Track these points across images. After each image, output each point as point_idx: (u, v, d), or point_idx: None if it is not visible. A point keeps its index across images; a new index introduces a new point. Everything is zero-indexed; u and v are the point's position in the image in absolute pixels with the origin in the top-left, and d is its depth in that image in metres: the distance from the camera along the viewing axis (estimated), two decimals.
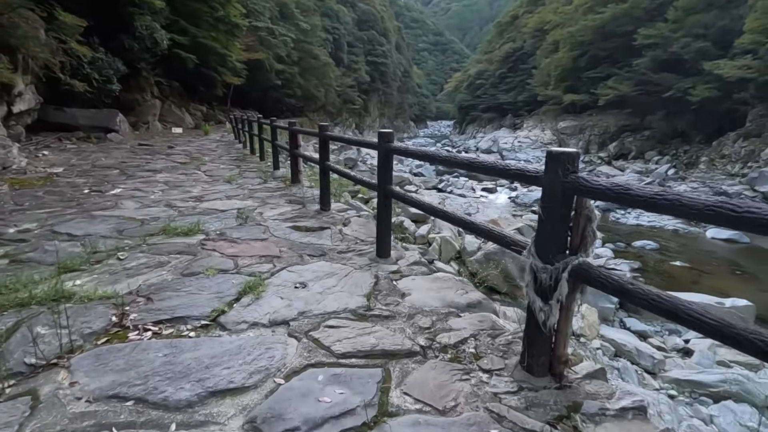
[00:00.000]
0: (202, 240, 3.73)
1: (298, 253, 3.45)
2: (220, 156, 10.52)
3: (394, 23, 78.85)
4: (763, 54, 19.75)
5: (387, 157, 3.09)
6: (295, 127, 6.00)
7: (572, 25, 40.04)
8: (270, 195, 5.91)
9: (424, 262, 3.28)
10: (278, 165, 8.00)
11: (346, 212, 5.05)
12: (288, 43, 31.62)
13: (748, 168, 20.56)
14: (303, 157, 5.94)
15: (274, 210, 4.99)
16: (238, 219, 4.51)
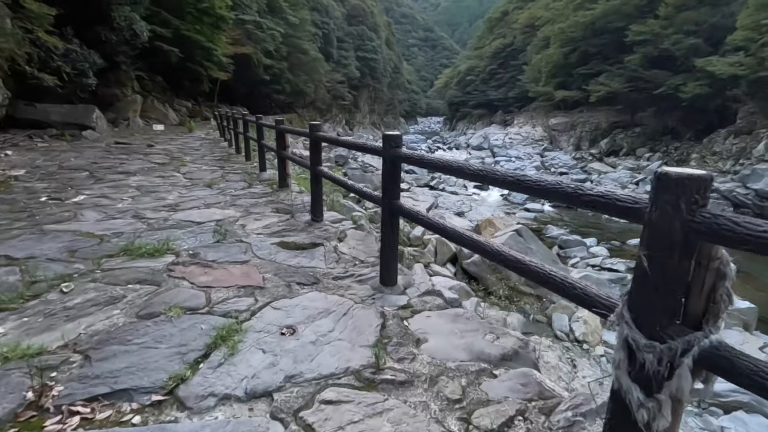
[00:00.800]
0: (171, 263, 3.13)
1: (285, 280, 2.87)
2: (202, 156, 9.77)
3: (384, 18, 78.01)
4: (755, 51, 19.60)
5: (394, 166, 2.55)
6: (282, 125, 5.35)
7: (563, 21, 39.84)
8: (255, 202, 5.29)
9: (438, 292, 2.73)
10: (265, 166, 7.36)
11: (340, 223, 4.46)
12: (276, 37, 30.72)
13: (739, 165, 20.45)
14: (292, 160, 5.35)
15: (258, 221, 4.38)
16: (215, 234, 3.89)
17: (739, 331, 8.97)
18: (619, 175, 26.03)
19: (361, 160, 25.72)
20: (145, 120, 18.78)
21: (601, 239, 15.64)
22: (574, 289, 1.38)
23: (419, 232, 10.96)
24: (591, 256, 13.81)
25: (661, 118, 29.27)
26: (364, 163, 24.52)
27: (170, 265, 3.08)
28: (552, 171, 30.32)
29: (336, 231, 4.11)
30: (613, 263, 13.09)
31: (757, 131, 20.94)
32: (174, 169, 7.69)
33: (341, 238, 3.90)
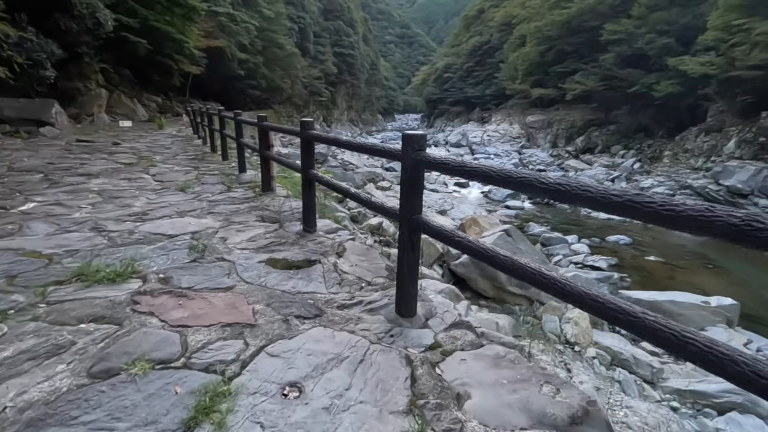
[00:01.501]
0: (136, 292, 2.54)
1: (281, 313, 2.34)
2: (174, 155, 8.93)
3: (360, 14, 77.12)
4: (725, 51, 20.11)
5: (416, 172, 2.07)
6: (266, 122, 4.71)
7: (539, 19, 40.23)
8: (236, 209, 4.67)
9: (467, 323, 2.27)
10: (245, 167, 6.67)
11: (336, 234, 3.92)
12: (251, 30, 29.66)
13: (711, 162, 20.99)
14: (279, 162, 4.76)
15: (242, 233, 3.79)
16: (191, 251, 3.27)
17: (724, 328, 8.99)
18: (596, 172, 26.44)
19: (341, 157, 25.11)
20: (111, 116, 17.62)
21: (582, 236, 15.71)
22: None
23: None
24: (573, 254, 13.77)
25: (635, 116, 29.91)
26: (344, 161, 23.93)
27: (135, 294, 2.50)
28: (530, 168, 30.56)
29: (333, 244, 3.58)
30: (595, 260, 13.10)
31: (726, 129, 21.53)
32: (142, 171, 6.93)
33: (340, 253, 3.38)
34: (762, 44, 17.21)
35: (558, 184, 1.19)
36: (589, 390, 6.06)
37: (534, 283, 1.39)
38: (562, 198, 1.22)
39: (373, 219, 11.23)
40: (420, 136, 2.08)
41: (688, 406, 6.35)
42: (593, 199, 1.12)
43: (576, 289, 1.26)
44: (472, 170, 1.60)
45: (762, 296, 11.30)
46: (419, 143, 2.06)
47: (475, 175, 1.61)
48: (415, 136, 2.08)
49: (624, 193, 1.06)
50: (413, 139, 2.07)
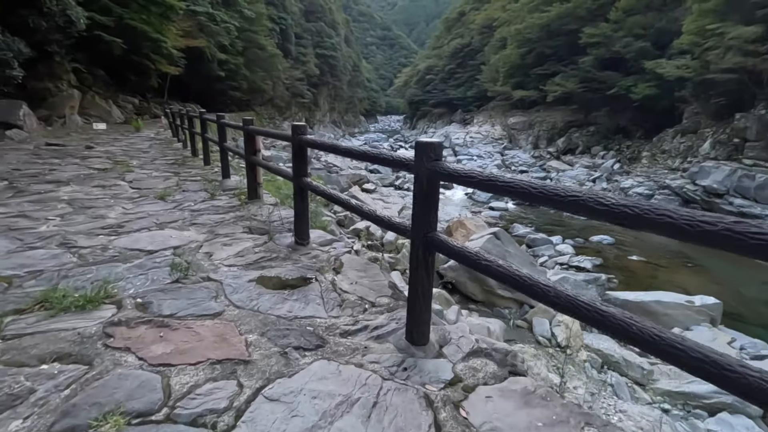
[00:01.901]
0: (110, 321, 2.21)
1: (278, 344, 2.07)
2: (152, 159, 8.47)
3: (342, 15, 76.81)
4: (700, 54, 20.66)
5: (431, 185, 1.86)
6: (252, 126, 4.40)
7: (519, 22, 40.74)
8: (221, 219, 4.32)
9: (486, 350, 2.04)
10: (228, 172, 6.29)
11: (331, 245, 3.64)
12: (231, 31, 29.02)
13: (687, 163, 21.50)
14: (267, 169, 4.45)
15: (228, 247, 3.47)
16: (173, 270, 2.93)
17: (708, 327, 9.08)
18: (577, 173, 26.84)
19: (324, 159, 24.77)
20: (85, 118, 16.87)
21: (566, 236, 15.84)
22: None
23: (393, 237, 10.35)
24: (558, 254, 13.83)
25: (614, 118, 30.52)
26: (327, 163, 23.60)
27: (108, 325, 2.16)
28: (513, 169, 30.85)
29: (329, 258, 3.29)
30: (580, 261, 13.17)
31: (702, 131, 22.10)
32: (118, 177, 6.45)
33: (337, 269, 3.11)
34: (735, 48, 17.70)
35: (623, 206, 0.99)
36: (585, 396, 5.96)
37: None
38: (633, 223, 1.02)
39: (360, 223, 10.97)
40: (436, 144, 1.84)
41: (679, 407, 6.32)
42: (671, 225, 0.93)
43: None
44: (506, 186, 1.37)
45: (741, 294, 11.54)
46: (435, 152, 1.81)
47: (508, 192, 1.39)
48: (431, 145, 1.82)
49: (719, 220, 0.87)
50: (429, 148, 1.81)
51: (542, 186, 1.28)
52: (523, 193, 1.32)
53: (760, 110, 17.91)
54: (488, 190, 1.49)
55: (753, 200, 16.95)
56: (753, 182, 17.09)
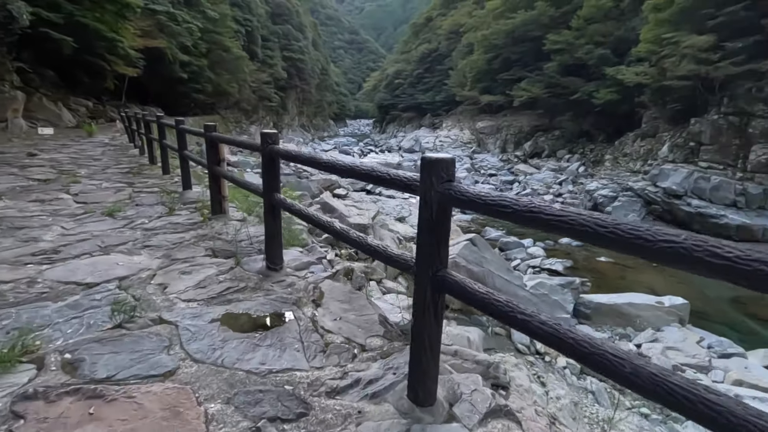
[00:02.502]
0: (22, 393, 1.67)
1: (249, 415, 1.64)
2: (104, 168, 7.69)
3: (309, 19, 76.02)
4: (656, 62, 21.63)
5: (442, 212, 1.53)
6: (214, 132, 3.85)
7: (485, 28, 41.55)
8: (180, 240, 3.75)
9: (506, 409, 1.72)
10: (190, 183, 5.67)
11: (308, 269, 3.22)
12: (194, 31, 27.93)
13: (648, 165, 22.38)
14: (232, 182, 3.94)
15: (187, 276, 2.95)
16: (116, 312, 2.37)
17: (678, 327, 9.32)
18: (544, 176, 27.51)
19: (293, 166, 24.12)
20: (31, 122, 15.64)
21: (536, 239, 16.08)
22: None
23: None
24: (530, 257, 13.98)
25: (577, 122, 31.54)
26: (297, 168, 22.98)
27: (21, 398, 1.63)
28: (482, 173, 31.30)
29: (306, 286, 2.86)
30: (551, 264, 13.36)
31: (660, 134, 23.11)
32: (61, 189, 5.70)
33: (317, 300, 2.68)
34: (689, 56, 18.59)
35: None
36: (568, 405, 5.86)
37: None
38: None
39: None
40: (448, 161, 1.50)
41: (657, 411, 6.35)
42: None
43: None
44: (555, 220, 1.10)
45: (704, 293, 11.99)
46: (447, 171, 1.47)
47: (559, 228, 1.11)
48: (442, 162, 1.48)
49: None
50: (439, 166, 1.46)
51: (590, 217, 1.01)
52: (583, 232, 1.03)
53: (713, 115, 18.88)
54: (529, 224, 1.19)
55: (709, 201, 17.79)
56: (708, 184, 17.94)
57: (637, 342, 8.76)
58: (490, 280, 8.85)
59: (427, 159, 1.51)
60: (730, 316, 11.08)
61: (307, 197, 14.43)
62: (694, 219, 17.54)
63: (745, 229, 16.26)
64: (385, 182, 1.76)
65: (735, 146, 18.14)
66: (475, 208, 1.39)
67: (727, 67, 17.35)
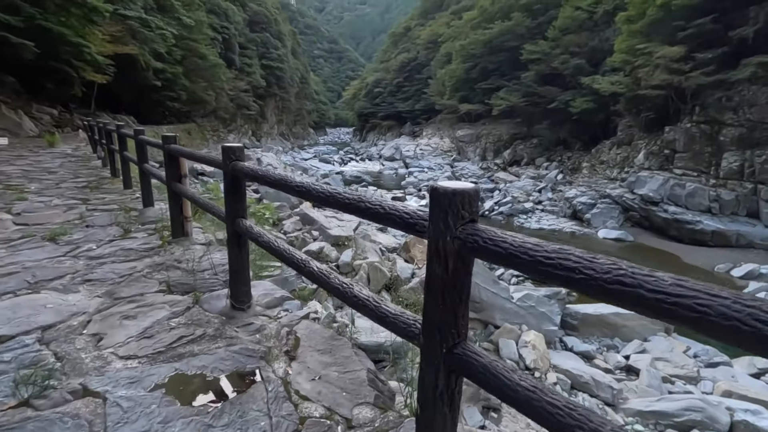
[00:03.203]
0: None
1: None
2: (60, 181, 6.94)
3: (288, 27, 75.60)
4: (630, 72, 22.14)
5: (464, 264, 1.13)
6: (173, 144, 3.35)
7: (463, 38, 42.08)
8: (130, 270, 3.19)
9: None
10: (151, 199, 5.10)
11: (281, 307, 2.78)
12: (168, 38, 27.12)
13: (625, 173, 22.76)
14: (193, 202, 3.39)
15: (131, 321, 2.41)
16: (24, 381, 1.79)
17: (664, 337, 9.23)
18: (524, 184, 27.68)
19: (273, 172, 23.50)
20: None
21: None
22: None
23: (348, 257, 9.62)
24: None
25: (554, 130, 32.05)
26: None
27: None
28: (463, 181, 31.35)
29: (278, 331, 2.36)
30: None
31: (635, 142, 23.57)
32: (2, 208, 5.01)
33: (291, 350, 2.20)
34: (662, 66, 19.03)
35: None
36: None
37: None
38: None
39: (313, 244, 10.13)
40: (470, 194, 1.10)
41: (651, 427, 6.13)
42: None
43: None
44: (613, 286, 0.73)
45: None
46: (470, 208, 1.09)
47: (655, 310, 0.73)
48: (462, 195, 1.09)
49: None
50: (458, 201, 1.08)
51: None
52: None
53: (686, 124, 19.34)
54: (556, 280, 0.84)
55: (684, 207, 18.11)
56: (684, 191, 18.29)
57: (625, 353, 8.61)
58: (476, 292, 8.55)
59: (441, 191, 1.09)
60: None
61: (286, 208, 13.88)
62: (671, 225, 17.82)
63: (719, 234, 16.57)
64: (379, 218, 1.34)
65: (707, 153, 18.58)
66: (518, 265, 0.98)
67: (698, 77, 17.81)
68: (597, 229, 19.34)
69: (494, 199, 23.66)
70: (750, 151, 17.08)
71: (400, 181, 31.15)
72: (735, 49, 17.41)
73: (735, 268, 13.89)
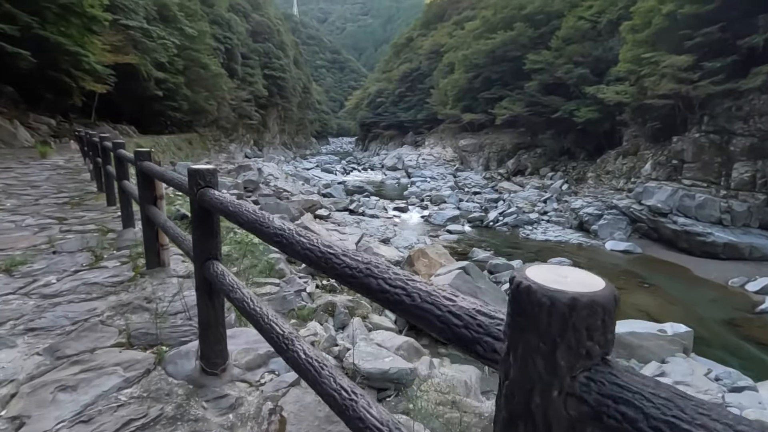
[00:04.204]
0: None
1: None
2: (40, 197, 6.33)
3: (291, 38, 76.15)
4: (635, 81, 21.82)
5: None
6: (148, 163, 2.88)
7: (466, 48, 42.02)
8: (88, 314, 2.62)
9: None
10: (132, 220, 4.57)
11: (266, 367, 2.18)
12: (169, 48, 27.07)
13: (632, 183, 22.30)
14: (166, 234, 2.85)
15: (67, 396, 1.86)
16: None
17: (683, 358, 8.65)
18: (528, 194, 27.21)
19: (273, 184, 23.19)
20: None
21: (525, 259, 15.50)
22: None
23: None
24: None
25: (559, 140, 31.68)
26: (277, 188, 22.07)
27: None
28: (466, 191, 30.88)
29: (259, 407, 1.85)
30: None
31: (642, 152, 23.13)
32: None
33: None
34: (669, 75, 18.69)
35: None
36: None
37: None
38: None
39: None
40: (602, 304, 0.57)
41: None
42: None
43: None
44: None
45: (698, 314, 11.50)
46: (601, 333, 0.56)
47: None
48: (586, 308, 0.55)
49: None
50: (581, 315, 0.54)
51: None
52: None
53: (694, 134, 18.92)
54: None
55: (694, 218, 17.59)
56: (693, 201, 17.79)
57: None
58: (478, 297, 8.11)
59: (541, 297, 0.57)
60: (730, 341, 10.54)
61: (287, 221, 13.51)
62: (681, 237, 17.30)
63: (731, 247, 16.04)
64: (403, 310, 0.80)
65: (717, 164, 18.13)
66: None
67: (706, 86, 17.44)
68: (604, 241, 18.83)
69: (498, 210, 23.20)
70: (762, 162, 16.63)
71: (402, 191, 30.74)
72: (744, 58, 17.06)
73: (750, 282, 13.36)
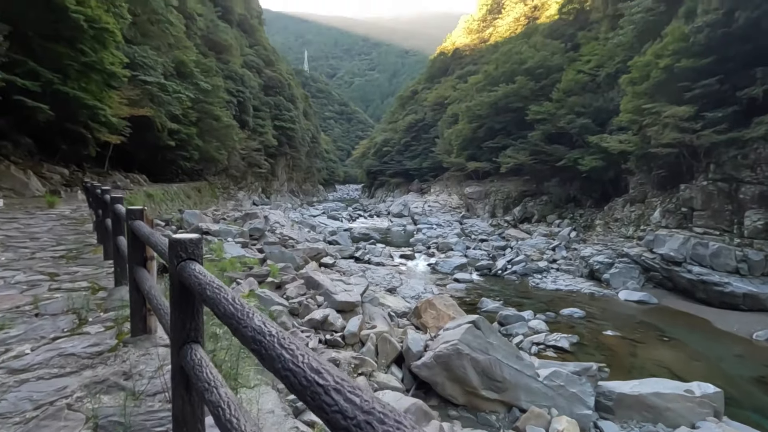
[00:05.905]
0: None
1: None
2: (38, 250, 6.16)
3: (301, 91, 79.75)
4: (638, 131, 22.08)
5: None
6: (138, 222, 2.59)
7: (469, 100, 43.51)
8: (57, 394, 2.29)
9: None
10: (126, 277, 4.06)
11: None
12: (184, 101, 28.27)
13: (641, 231, 21.90)
14: (147, 299, 2.37)
15: None
16: None
17: (715, 423, 7.87)
18: (536, 242, 26.79)
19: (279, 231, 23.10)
20: None
21: (536, 310, 14.88)
22: None
23: (355, 327, 8.75)
24: (533, 332, 12.61)
25: (564, 188, 31.72)
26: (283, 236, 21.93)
27: None
28: (473, 238, 30.56)
29: None
30: (556, 339, 11.98)
31: (649, 200, 22.94)
32: None
33: None
34: (671, 125, 18.88)
35: None
36: None
37: None
38: None
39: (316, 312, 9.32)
40: None
41: None
42: None
43: None
44: None
45: (724, 372, 10.70)
46: None
47: None
48: None
49: None
50: None
51: None
52: None
53: (702, 181, 18.78)
54: None
55: (710, 268, 17.00)
56: (707, 250, 17.28)
57: None
58: (497, 369, 7.56)
59: None
60: (763, 402, 9.71)
61: (291, 269, 13.18)
62: (697, 287, 16.65)
63: (752, 297, 15.35)
64: None
65: (728, 211, 17.81)
66: None
67: (710, 135, 17.53)
68: (617, 290, 18.20)
69: (506, 258, 22.73)
70: None
71: (408, 238, 30.50)
72: (746, 108, 17.27)
73: None
